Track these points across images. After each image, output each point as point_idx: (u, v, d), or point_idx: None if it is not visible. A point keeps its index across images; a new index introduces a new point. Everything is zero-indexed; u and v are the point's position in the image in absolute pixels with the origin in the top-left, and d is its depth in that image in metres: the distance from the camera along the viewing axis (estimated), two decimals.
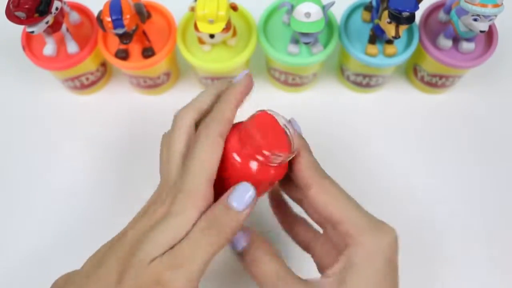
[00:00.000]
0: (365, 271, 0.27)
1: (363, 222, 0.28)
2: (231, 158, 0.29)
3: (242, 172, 0.29)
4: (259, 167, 0.29)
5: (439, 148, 0.50)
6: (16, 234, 0.47)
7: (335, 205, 0.28)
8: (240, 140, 0.29)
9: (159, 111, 0.53)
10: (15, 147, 0.51)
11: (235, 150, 0.29)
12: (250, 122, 0.29)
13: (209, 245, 0.26)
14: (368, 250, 0.27)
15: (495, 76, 0.54)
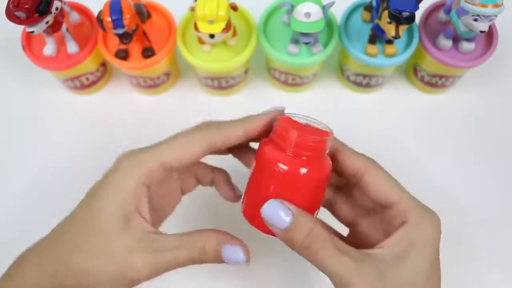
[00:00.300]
0: (425, 249, 0.28)
1: (417, 204, 0.30)
2: (277, 170, 0.28)
3: (294, 178, 0.28)
4: (310, 164, 0.28)
5: (439, 148, 0.50)
6: (16, 234, 0.47)
7: (391, 187, 0.31)
8: (278, 148, 0.29)
9: (159, 111, 0.53)
10: (15, 147, 0.51)
11: (277, 159, 0.28)
12: (280, 128, 0.29)
13: None
14: (426, 229, 0.29)
15: (495, 76, 0.54)
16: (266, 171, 0.29)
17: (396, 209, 0.30)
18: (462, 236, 0.46)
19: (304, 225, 0.28)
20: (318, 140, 0.28)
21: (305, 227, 0.28)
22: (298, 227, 0.28)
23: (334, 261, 0.27)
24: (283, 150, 0.29)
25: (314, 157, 0.29)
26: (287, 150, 0.28)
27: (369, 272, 0.27)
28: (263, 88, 0.54)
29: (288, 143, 0.28)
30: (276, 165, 0.28)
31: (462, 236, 0.46)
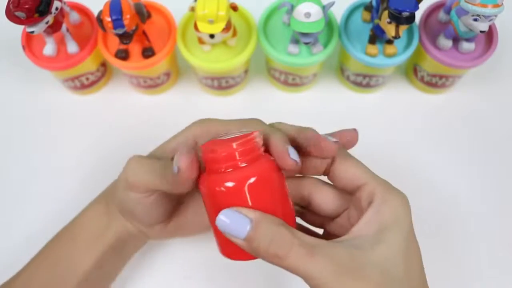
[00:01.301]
0: (397, 227, 0.27)
1: (384, 183, 0.29)
2: (220, 191, 0.27)
3: (240, 189, 0.27)
4: (248, 169, 0.27)
5: (439, 148, 0.50)
6: (16, 234, 0.47)
7: (357, 169, 0.30)
8: (213, 172, 0.28)
9: (159, 111, 0.53)
10: (15, 147, 0.51)
11: (217, 183, 0.27)
12: (205, 154, 0.28)
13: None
14: (395, 205, 0.28)
15: (495, 76, 0.54)
16: (213, 201, 0.28)
17: (363, 190, 0.29)
18: (462, 236, 0.46)
19: (265, 230, 0.26)
20: (243, 143, 0.27)
21: (267, 232, 0.26)
22: (259, 234, 0.26)
23: (305, 264, 0.25)
24: (217, 172, 0.27)
25: (250, 161, 0.27)
26: (221, 169, 0.27)
27: (346, 267, 0.25)
28: (263, 88, 0.54)
29: (217, 161, 0.27)
30: (219, 188, 0.27)
31: (462, 236, 0.46)
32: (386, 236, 0.27)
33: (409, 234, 0.28)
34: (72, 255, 0.37)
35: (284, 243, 0.26)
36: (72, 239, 0.38)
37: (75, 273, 0.36)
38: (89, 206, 0.39)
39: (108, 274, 0.39)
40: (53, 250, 0.38)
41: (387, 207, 0.28)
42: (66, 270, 0.36)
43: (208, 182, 0.28)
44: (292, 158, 0.28)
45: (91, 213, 0.38)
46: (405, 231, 0.27)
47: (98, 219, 0.38)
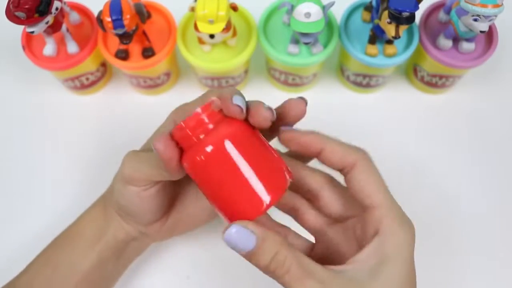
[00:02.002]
0: (398, 262, 0.27)
1: (396, 211, 0.29)
2: (201, 162, 0.27)
3: (219, 153, 0.27)
4: (216, 131, 0.27)
5: (439, 148, 0.50)
6: (15, 234, 0.47)
7: (375, 187, 0.29)
8: (189, 147, 0.28)
9: (159, 111, 0.53)
10: (15, 147, 0.51)
11: (196, 154, 0.27)
12: (174, 135, 0.29)
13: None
14: (400, 240, 0.28)
15: (495, 76, 0.54)
16: (200, 172, 0.28)
17: (371, 214, 0.29)
18: (462, 236, 0.46)
19: (268, 249, 0.27)
20: (202, 108, 0.28)
21: (270, 251, 0.27)
22: (262, 251, 0.27)
23: (299, 285, 0.26)
24: (192, 145, 0.28)
25: (217, 122, 0.28)
26: (193, 140, 0.28)
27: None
28: (263, 88, 0.54)
29: (187, 135, 0.27)
30: (199, 157, 0.27)
31: (462, 236, 0.46)
32: (385, 270, 0.27)
33: (408, 270, 0.28)
34: (72, 257, 0.37)
35: (283, 263, 0.27)
36: (71, 242, 0.38)
37: (75, 275, 0.36)
38: (88, 209, 0.40)
39: (109, 276, 0.39)
40: (54, 253, 0.38)
41: (391, 241, 0.28)
42: (66, 273, 0.37)
43: (187, 157, 0.28)
44: (235, 103, 0.28)
45: (89, 216, 0.39)
46: (404, 265, 0.28)
47: (96, 222, 0.38)
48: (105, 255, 0.37)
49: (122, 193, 0.34)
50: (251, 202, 0.27)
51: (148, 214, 0.36)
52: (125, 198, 0.34)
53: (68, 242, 0.38)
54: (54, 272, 0.37)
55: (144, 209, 0.35)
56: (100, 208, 0.39)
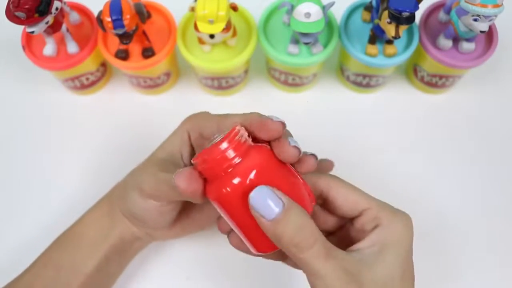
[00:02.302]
0: (398, 249, 0.29)
1: (388, 207, 0.30)
2: (227, 195, 0.27)
3: (245, 186, 0.27)
4: (242, 163, 0.27)
5: (439, 148, 0.50)
6: (15, 232, 0.47)
7: (358, 196, 0.31)
8: (215, 179, 0.28)
9: (159, 111, 0.53)
10: (15, 147, 0.51)
11: (222, 186, 0.27)
12: (198, 166, 0.28)
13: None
14: (399, 229, 0.29)
15: (495, 76, 0.54)
16: (226, 205, 0.28)
17: (367, 215, 0.30)
18: (462, 235, 0.46)
19: (295, 218, 0.26)
20: (229, 140, 0.27)
21: (296, 221, 0.26)
22: (288, 220, 0.26)
23: (320, 263, 0.26)
24: (218, 177, 0.27)
25: (244, 154, 0.27)
26: (220, 173, 0.27)
27: (354, 279, 0.27)
28: (263, 88, 0.54)
29: (212, 168, 0.27)
30: (225, 190, 0.27)
31: (462, 235, 0.46)
32: (386, 255, 0.28)
33: (407, 257, 0.29)
34: (76, 256, 0.37)
35: (310, 236, 0.26)
36: (75, 241, 0.38)
37: (78, 274, 0.36)
38: (91, 209, 0.40)
39: (111, 274, 0.39)
40: (57, 252, 0.38)
41: (391, 230, 0.29)
42: (69, 271, 0.37)
43: (213, 190, 0.28)
44: (292, 145, 0.28)
45: (93, 216, 0.39)
46: (404, 253, 0.29)
47: (101, 220, 0.38)
48: (110, 256, 0.37)
49: (140, 205, 0.34)
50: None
51: (162, 223, 0.37)
52: (142, 209, 0.35)
53: (71, 242, 0.38)
54: (56, 273, 0.37)
55: (159, 219, 0.36)
56: (105, 208, 0.39)
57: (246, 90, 0.54)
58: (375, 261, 0.28)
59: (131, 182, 0.36)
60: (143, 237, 0.39)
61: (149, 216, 0.35)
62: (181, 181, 0.28)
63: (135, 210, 0.35)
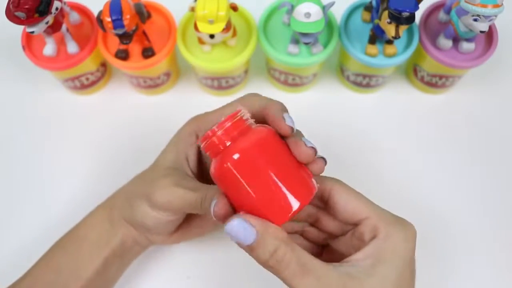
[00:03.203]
0: (393, 263, 0.28)
1: (388, 217, 0.30)
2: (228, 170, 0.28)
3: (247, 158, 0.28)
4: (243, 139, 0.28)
5: (439, 148, 0.50)
6: (15, 234, 0.47)
7: (359, 203, 0.30)
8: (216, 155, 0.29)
9: (159, 111, 0.53)
10: (15, 147, 0.51)
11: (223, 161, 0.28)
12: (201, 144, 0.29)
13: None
14: (396, 241, 0.29)
15: (495, 76, 0.54)
16: (227, 179, 0.28)
17: (366, 225, 0.30)
18: (462, 235, 0.46)
19: (268, 244, 0.27)
20: (230, 117, 0.28)
21: (269, 247, 0.27)
22: (262, 246, 0.27)
23: (297, 281, 0.27)
24: (219, 152, 0.28)
25: (244, 131, 0.28)
26: (219, 148, 0.28)
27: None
28: (263, 88, 0.54)
29: (214, 143, 0.28)
30: (226, 164, 0.28)
31: (462, 235, 0.46)
32: (381, 269, 0.28)
33: (404, 270, 0.28)
34: (77, 260, 0.37)
35: (282, 259, 0.27)
36: (76, 244, 0.38)
37: (79, 277, 0.37)
38: (92, 213, 0.40)
39: (111, 278, 0.40)
40: (57, 255, 0.38)
41: (389, 242, 0.29)
42: (70, 275, 0.37)
43: (215, 166, 0.28)
44: (287, 124, 0.29)
45: (94, 220, 0.39)
46: (400, 266, 0.28)
47: (103, 224, 0.38)
48: (110, 260, 0.37)
49: (148, 215, 0.35)
50: (279, 208, 0.28)
51: (165, 230, 0.37)
52: (149, 218, 0.35)
53: (71, 245, 0.38)
54: (57, 276, 0.37)
55: (163, 227, 0.36)
56: (106, 212, 0.39)
57: (246, 90, 0.54)
58: (366, 276, 0.28)
59: (139, 191, 0.36)
60: (143, 242, 0.39)
61: (155, 225, 0.36)
62: (217, 209, 0.29)
63: (142, 219, 0.35)
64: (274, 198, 0.28)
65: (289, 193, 0.28)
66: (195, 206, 0.32)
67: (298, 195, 0.28)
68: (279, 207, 0.28)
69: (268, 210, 0.28)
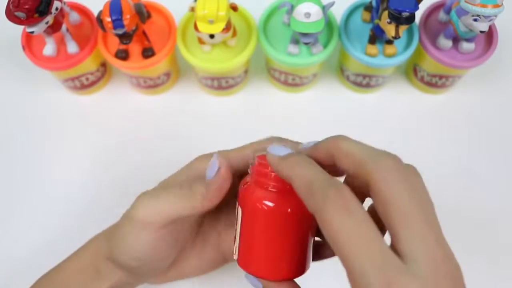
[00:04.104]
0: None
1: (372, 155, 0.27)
2: (262, 208, 0.27)
3: (281, 213, 0.28)
4: (288, 196, 0.27)
5: (438, 148, 0.50)
6: (14, 234, 0.47)
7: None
8: (259, 186, 0.28)
9: (159, 111, 0.53)
10: (15, 147, 0.51)
11: (261, 198, 0.28)
12: (258, 165, 0.29)
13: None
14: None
15: (495, 76, 0.54)
16: (252, 213, 0.28)
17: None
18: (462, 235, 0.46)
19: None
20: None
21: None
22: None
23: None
24: (265, 187, 0.28)
25: (286, 185, 0.27)
26: (269, 186, 0.28)
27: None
28: (263, 88, 0.54)
29: (269, 178, 0.28)
30: (261, 203, 0.27)
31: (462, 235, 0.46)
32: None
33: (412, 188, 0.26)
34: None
35: None
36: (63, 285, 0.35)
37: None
38: (76, 255, 0.36)
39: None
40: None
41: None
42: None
43: (252, 193, 0.28)
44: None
45: (78, 265, 0.35)
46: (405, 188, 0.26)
47: (86, 274, 0.34)
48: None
49: (133, 235, 0.31)
50: (274, 266, 0.28)
51: (160, 262, 0.34)
52: (136, 241, 0.31)
53: (61, 283, 0.35)
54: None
55: (157, 256, 0.33)
56: (88, 258, 0.35)
57: (246, 90, 0.54)
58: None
59: (127, 215, 0.32)
60: (134, 283, 0.35)
61: (143, 249, 0.31)
62: (223, 163, 0.29)
63: (127, 244, 0.31)
64: (278, 258, 0.28)
65: (285, 265, 0.28)
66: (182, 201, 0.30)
67: (290, 270, 0.29)
68: (275, 267, 0.28)
69: (266, 262, 0.29)
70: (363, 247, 0.21)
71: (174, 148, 0.49)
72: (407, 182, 0.24)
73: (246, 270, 0.29)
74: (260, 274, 0.29)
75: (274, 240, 0.28)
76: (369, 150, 0.25)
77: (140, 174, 0.48)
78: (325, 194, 0.22)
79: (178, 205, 0.30)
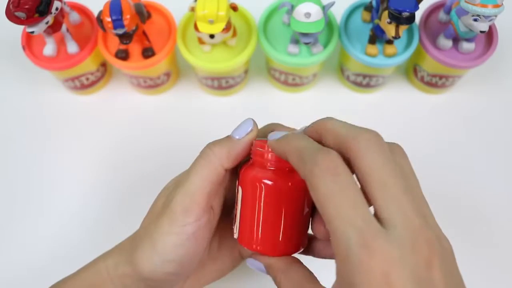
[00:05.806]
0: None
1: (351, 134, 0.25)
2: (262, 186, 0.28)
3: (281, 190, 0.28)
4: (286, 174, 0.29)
5: (438, 148, 0.50)
6: (14, 234, 0.47)
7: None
8: (259, 166, 0.29)
9: (159, 111, 0.53)
10: (15, 147, 0.51)
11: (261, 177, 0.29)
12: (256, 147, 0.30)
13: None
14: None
15: (495, 76, 0.54)
16: (252, 192, 0.29)
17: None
18: (463, 235, 0.46)
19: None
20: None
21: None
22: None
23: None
24: (263, 166, 0.29)
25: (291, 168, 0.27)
26: (267, 165, 0.29)
27: None
28: (263, 88, 0.54)
29: (267, 158, 0.29)
30: (261, 181, 0.28)
31: (463, 235, 0.46)
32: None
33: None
34: None
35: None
36: None
37: None
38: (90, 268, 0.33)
39: None
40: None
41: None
42: None
43: (251, 172, 0.29)
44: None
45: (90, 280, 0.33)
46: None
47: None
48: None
49: (175, 239, 0.29)
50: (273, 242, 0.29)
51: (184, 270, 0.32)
52: (175, 245, 0.30)
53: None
54: None
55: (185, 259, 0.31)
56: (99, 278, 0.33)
57: (246, 90, 0.54)
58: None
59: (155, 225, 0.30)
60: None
61: (181, 253, 0.30)
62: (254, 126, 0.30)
63: (168, 248, 0.30)
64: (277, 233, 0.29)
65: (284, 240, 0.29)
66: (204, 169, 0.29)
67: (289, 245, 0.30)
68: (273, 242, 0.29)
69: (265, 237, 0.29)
70: (347, 209, 0.22)
71: (174, 148, 0.49)
72: (385, 153, 0.24)
73: (247, 247, 0.30)
74: (260, 250, 0.29)
75: (273, 216, 0.29)
76: (352, 127, 0.26)
77: (140, 174, 0.48)
78: (314, 158, 0.23)
79: (204, 173, 0.29)
